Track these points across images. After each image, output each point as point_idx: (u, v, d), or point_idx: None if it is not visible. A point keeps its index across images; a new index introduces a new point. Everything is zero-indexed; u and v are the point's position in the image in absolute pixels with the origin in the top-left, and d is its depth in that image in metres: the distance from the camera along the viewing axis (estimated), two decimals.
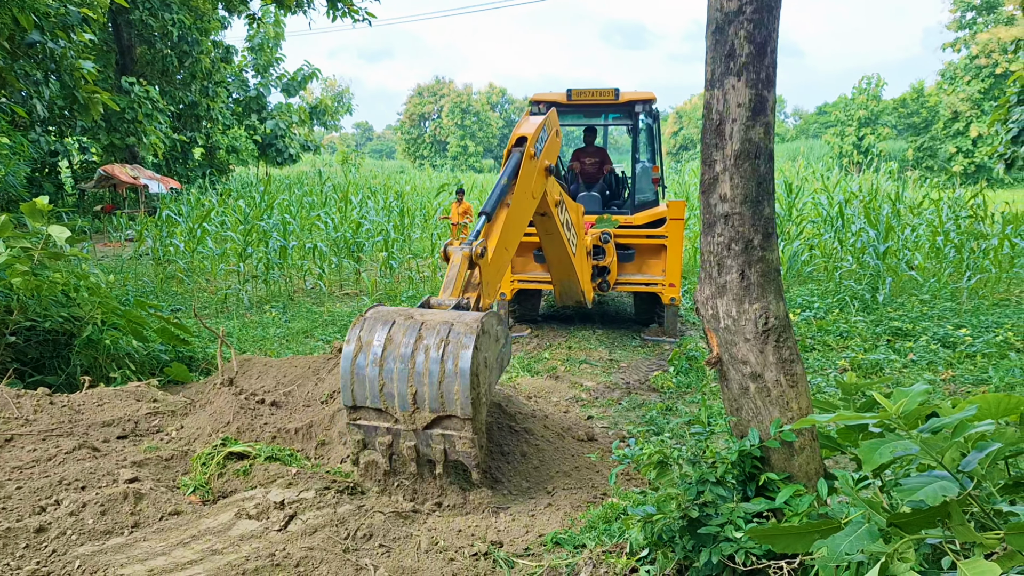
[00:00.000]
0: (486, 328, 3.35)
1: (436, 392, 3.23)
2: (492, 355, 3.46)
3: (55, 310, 5.62)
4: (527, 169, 4.88)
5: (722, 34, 2.72)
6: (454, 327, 3.29)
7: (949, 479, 1.62)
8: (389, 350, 3.32)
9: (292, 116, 31.44)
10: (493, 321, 3.49)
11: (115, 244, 16.37)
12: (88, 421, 4.45)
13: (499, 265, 4.49)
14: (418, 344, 3.28)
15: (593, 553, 2.86)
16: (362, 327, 3.43)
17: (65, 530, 3.02)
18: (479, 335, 3.24)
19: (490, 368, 3.43)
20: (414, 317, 3.42)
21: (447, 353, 3.22)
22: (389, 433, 3.36)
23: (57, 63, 13.08)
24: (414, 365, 3.26)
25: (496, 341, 3.53)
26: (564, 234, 6.21)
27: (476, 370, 3.21)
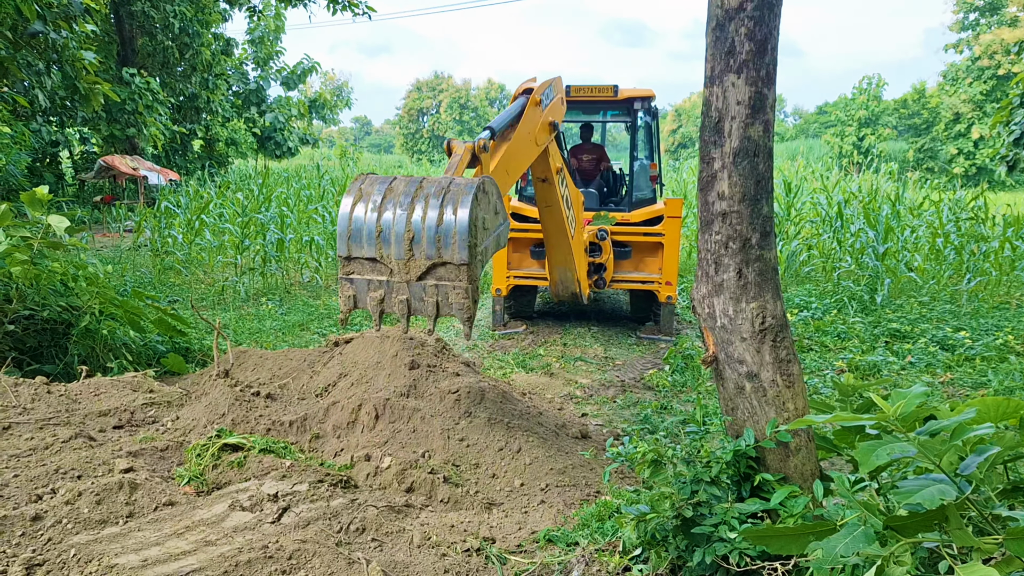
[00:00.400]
0: (486, 189, 3.32)
1: (433, 237, 3.16)
2: (490, 219, 3.41)
3: (53, 299, 5.61)
4: (531, 113, 4.93)
5: (722, 31, 2.71)
6: (454, 182, 3.26)
7: (947, 483, 1.61)
8: (389, 198, 3.28)
9: (291, 109, 31.34)
10: (492, 186, 3.44)
11: (114, 235, 16.35)
12: (85, 411, 4.44)
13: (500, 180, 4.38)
14: (418, 193, 3.24)
15: (586, 551, 2.86)
16: (363, 181, 3.41)
17: (61, 519, 3.02)
18: (479, 191, 3.20)
19: (488, 232, 3.39)
20: (414, 177, 3.41)
21: (447, 200, 3.18)
22: (381, 287, 3.30)
23: (59, 53, 13.04)
24: (413, 210, 3.22)
25: (495, 212, 3.49)
26: (564, 210, 6.23)
27: (474, 220, 3.16)
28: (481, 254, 3.33)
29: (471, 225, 3.14)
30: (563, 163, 6.11)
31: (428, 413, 4.15)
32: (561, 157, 6.06)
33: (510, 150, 4.59)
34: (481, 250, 3.32)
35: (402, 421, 4.10)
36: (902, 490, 1.63)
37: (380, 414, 4.12)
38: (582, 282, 7.15)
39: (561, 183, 6.08)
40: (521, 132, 4.81)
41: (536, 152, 5.23)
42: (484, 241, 3.36)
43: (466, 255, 3.14)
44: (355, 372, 4.76)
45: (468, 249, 3.13)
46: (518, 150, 4.76)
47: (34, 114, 19.06)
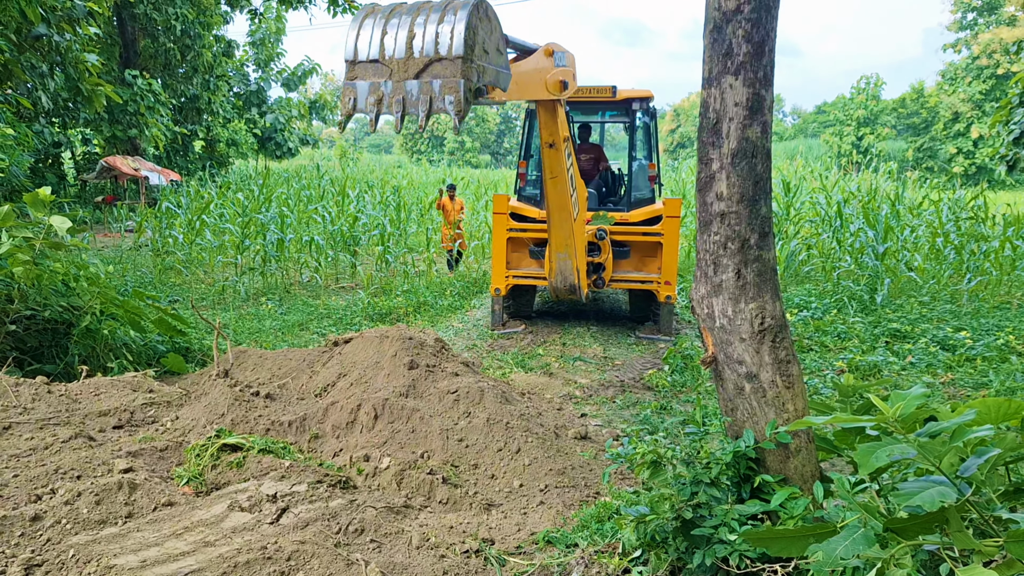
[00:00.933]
0: (488, 13, 3.46)
1: (432, 34, 3.33)
2: (490, 45, 3.59)
3: (55, 299, 5.62)
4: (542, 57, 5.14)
5: (720, 33, 2.71)
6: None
7: (947, 484, 1.61)
8: (397, 10, 3.50)
9: (292, 110, 31.38)
10: (494, 16, 3.59)
11: (115, 235, 16.36)
12: (85, 410, 4.45)
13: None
14: (423, 6, 3.45)
15: (585, 553, 2.86)
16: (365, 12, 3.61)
17: (60, 519, 3.02)
18: (479, 5, 3.38)
19: (487, 55, 3.55)
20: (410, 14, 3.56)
21: (448, 8, 3.36)
22: (380, 88, 3.47)
23: (62, 56, 13.07)
24: (416, 15, 3.43)
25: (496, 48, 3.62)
26: (568, 182, 6.34)
27: (473, 27, 3.31)
28: (478, 68, 3.47)
29: (468, 27, 3.28)
30: (569, 136, 6.27)
31: (427, 413, 4.15)
32: (568, 128, 6.22)
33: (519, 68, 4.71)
34: (478, 64, 3.46)
35: (401, 421, 4.10)
36: (902, 492, 1.62)
37: (379, 414, 4.12)
38: (581, 273, 7.16)
39: (568, 155, 6.24)
40: (529, 64, 5.00)
41: (542, 91, 5.35)
42: (482, 59, 3.51)
43: (462, 49, 3.27)
44: (354, 372, 4.76)
45: (464, 44, 3.26)
46: (526, 76, 4.94)
47: (37, 115, 19.08)
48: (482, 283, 11.28)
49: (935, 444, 1.76)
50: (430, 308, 9.41)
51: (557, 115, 5.92)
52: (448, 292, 10.39)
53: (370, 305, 9.14)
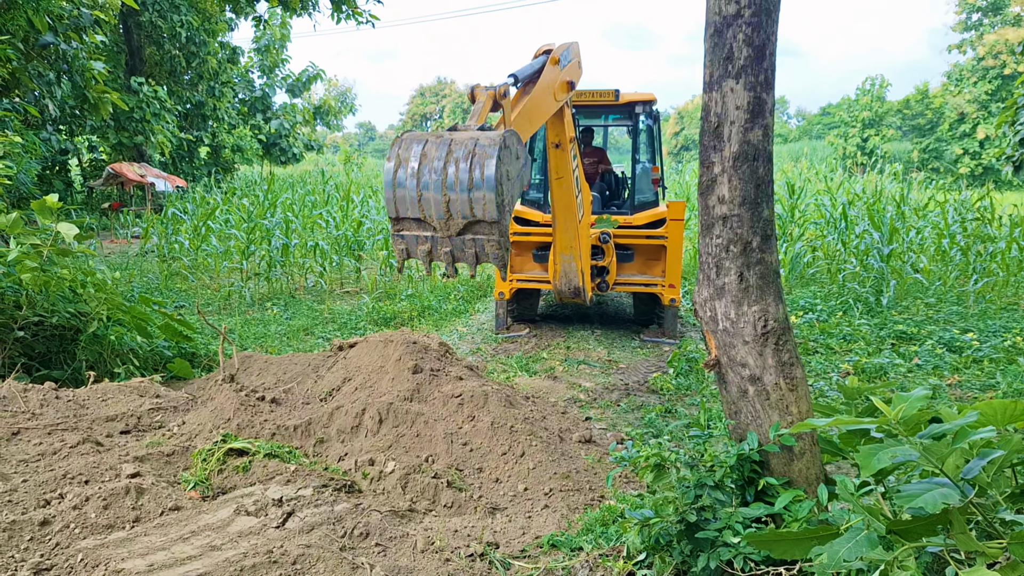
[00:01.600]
0: (508, 144, 3.71)
1: (466, 199, 3.60)
2: (514, 170, 3.85)
3: (62, 306, 5.66)
4: (550, 70, 5.21)
5: (720, 37, 2.72)
6: (479, 141, 3.67)
7: (950, 486, 1.61)
8: (424, 164, 3.70)
9: (296, 116, 31.54)
10: (514, 139, 3.86)
11: (122, 241, 16.45)
12: (92, 416, 4.48)
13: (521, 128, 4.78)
14: (449, 157, 3.65)
15: (590, 556, 2.86)
16: (400, 145, 3.82)
17: (68, 523, 3.05)
18: (501, 148, 3.62)
19: (512, 181, 3.83)
20: (444, 136, 3.80)
21: (474, 164, 3.58)
22: (428, 241, 3.76)
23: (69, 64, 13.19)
24: (446, 176, 3.63)
25: (516, 159, 3.90)
26: (574, 187, 6.36)
27: (500, 179, 3.58)
28: (508, 204, 3.79)
29: (498, 184, 3.55)
30: (576, 136, 6.29)
31: (431, 417, 4.16)
32: (574, 128, 6.24)
33: (531, 101, 4.92)
34: (508, 200, 3.75)
35: (405, 425, 4.11)
36: (905, 494, 1.62)
37: (384, 418, 4.14)
38: (586, 275, 7.17)
39: (573, 156, 6.26)
40: (541, 85, 5.09)
41: (555, 106, 5.46)
42: (510, 191, 3.78)
43: (495, 213, 3.59)
44: (359, 377, 4.78)
45: (497, 208, 3.57)
46: (539, 101, 5.10)
47: (44, 123, 19.24)
48: (486, 287, 11.30)
49: (939, 446, 1.76)
50: (434, 312, 9.43)
51: (564, 116, 5.95)
52: (452, 296, 10.41)
53: (375, 310, 9.17)
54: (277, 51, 30.45)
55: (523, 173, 4.05)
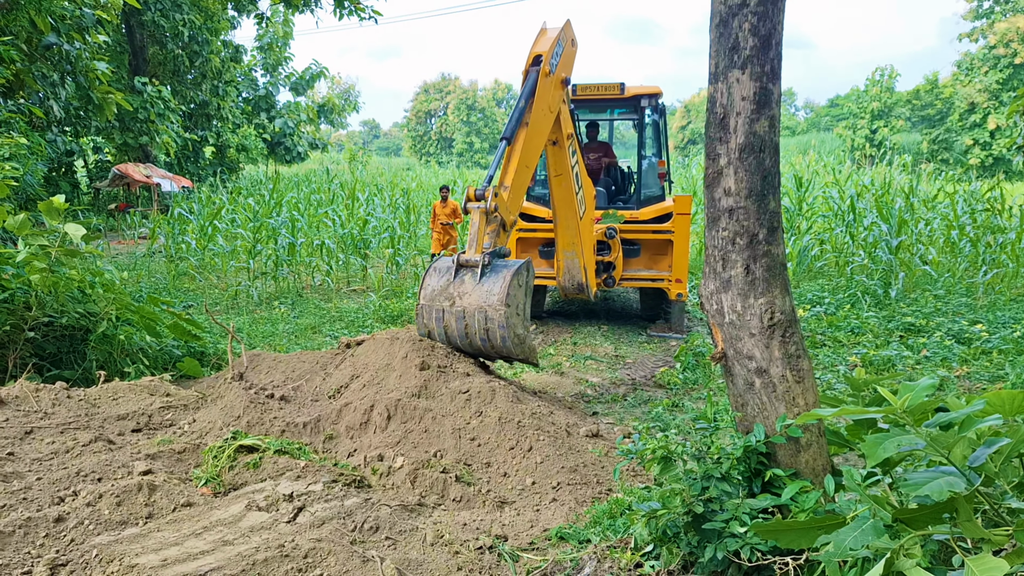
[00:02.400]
0: (510, 301, 4.41)
1: (495, 353, 4.72)
2: (521, 300, 4.64)
3: (71, 306, 5.71)
4: (543, 86, 5.22)
5: (726, 27, 2.71)
6: (488, 315, 4.42)
7: (956, 474, 1.61)
8: (450, 332, 4.69)
9: (300, 114, 31.59)
10: (513, 282, 4.48)
11: (129, 242, 16.56)
12: (104, 414, 4.52)
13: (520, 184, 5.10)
14: (468, 330, 4.61)
15: (598, 548, 2.87)
16: (424, 317, 4.75)
17: (83, 520, 3.08)
18: (506, 317, 4.38)
19: (522, 308, 4.65)
20: (455, 303, 4.59)
21: (491, 337, 4.54)
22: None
23: (72, 64, 13.25)
24: (471, 342, 4.67)
25: (520, 288, 4.60)
26: (574, 183, 6.32)
27: (513, 335, 4.48)
28: (523, 328, 4.70)
29: (512, 338, 4.48)
30: (574, 129, 6.22)
31: (439, 413, 4.18)
32: (572, 124, 6.17)
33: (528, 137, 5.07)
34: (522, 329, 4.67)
35: (413, 421, 4.13)
36: (911, 482, 1.62)
37: (392, 415, 4.16)
38: (589, 271, 7.14)
39: (572, 152, 6.18)
40: (537, 112, 5.14)
41: (552, 118, 5.46)
42: (521, 313, 4.63)
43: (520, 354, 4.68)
44: (366, 374, 4.80)
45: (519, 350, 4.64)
46: (535, 132, 5.19)
47: (49, 124, 19.36)
48: None
49: (946, 436, 1.76)
50: None
51: (560, 113, 5.87)
52: None
53: (381, 308, 9.20)
54: (280, 49, 30.50)
55: (528, 282, 4.73)
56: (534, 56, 5.34)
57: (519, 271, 4.57)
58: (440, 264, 4.82)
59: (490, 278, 4.53)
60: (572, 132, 6.24)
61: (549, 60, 5.27)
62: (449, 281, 4.65)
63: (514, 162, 5.01)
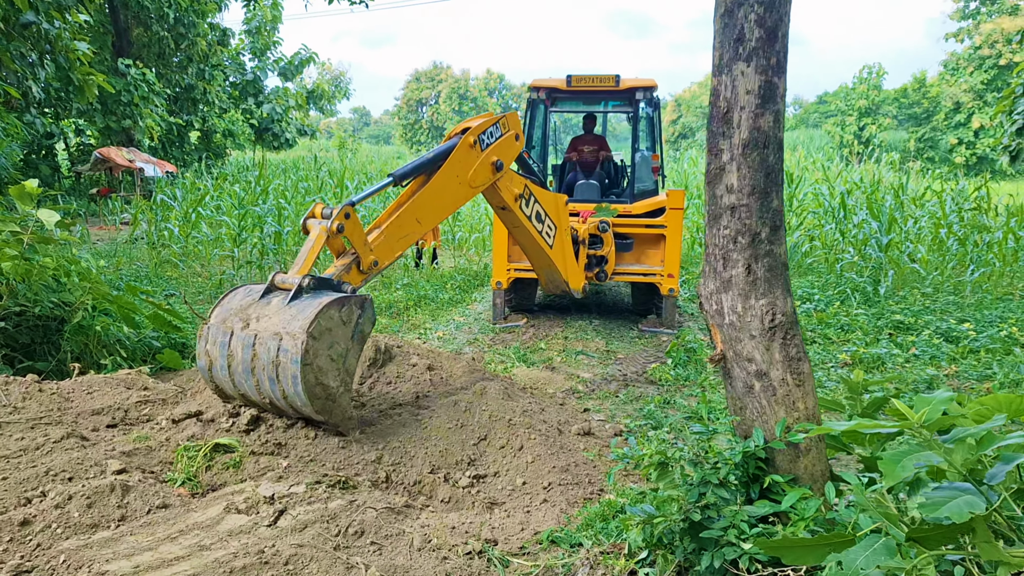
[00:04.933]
0: (317, 332, 3.37)
1: (287, 405, 3.49)
2: (340, 342, 3.53)
3: (45, 295, 5.52)
4: (462, 151, 4.76)
5: (731, 17, 2.61)
6: (282, 343, 3.37)
7: (974, 492, 1.53)
8: (234, 366, 3.56)
9: (289, 100, 31.12)
10: (332, 313, 3.47)
11: (111, 227, 16.22)
12: (77, 409, 4.36)
13: (402, 236, 4.41)
14: (255, 363, 3.46)
15: (590, 553, 2.79)
16: (207, 340, 3.71)
17: (50, 523, 2.94)
18: (306, 350, 3.31)
19: (342, 355, 3.55)
20: (250, 325, 3.55)
21: (280, 375, 3.38)
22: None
23: (52, 44, 12.89)
24: (257, 383, 3.50)
25: (343, 325, 3.53)
26: (532, 227, 6.00)
27: (314, 381, 3.38)
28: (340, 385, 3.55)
29: (313, 389, 3.38)
30: (528, 185, 5.82)
31: (428, 412, 4.07)
32: (523, 180, 5.77)
33: (425, 195, 4.48)
34: (338, 383, 3.52)
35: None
36: (929, 503, 1.55)
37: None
38: (569, 280, 6.97)
39: (525, 205, 5.80)
40: (445, 174, 4.61)
41: (469, 194, 4.97)
42: (339, 372, 3.53)
43: (321, 415, 3.47)
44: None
45: (321, 411, 3.46)
46: (437, 193, 4.59)
47: (28, 106, 18.89)
48: (483, 276, 11.19)
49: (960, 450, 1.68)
50: (430, 301, 9.33)
51: (499, 190, 5.41)
52: (449, 285, 10.30)
53: None
54: (268, 33, 29.97)
55: (359, 328, 3.64)
56: (462, 128, 4.97)
57: (346, 303, 3.51)
58: (256, 286, 3.86)
59: (303, 302, 3.51)
60: (520, 191, 5.72)
61: (477, 134, 4.88)
62: (253, 301, 3.66)
63: (403, 212, 4.38)
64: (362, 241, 4.08)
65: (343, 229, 3.94)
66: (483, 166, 4.97)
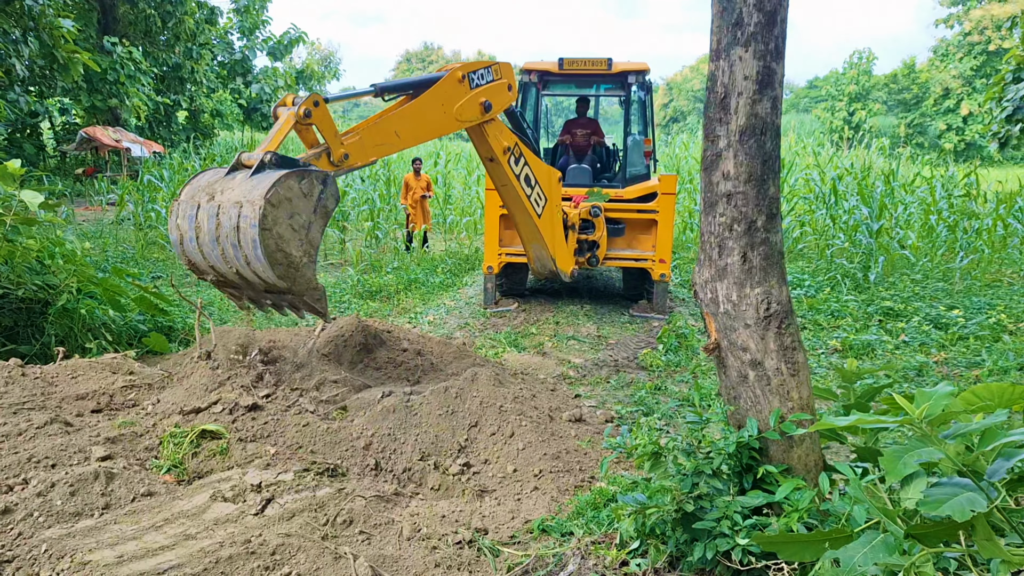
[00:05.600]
0: (276, 200, 3.40)
1: (251, 272, 3.52)
2: (302, 213, 3.55)
3: (29, 277, 5.41)
4: (449, 85, 4.84)
5: (729, 2, 2.54)
6: (243, 210, 3.41)
7: (974, 489, 1.51)
8: (201, 237, 3.64)
9: (278, 80, 30.66)
10: (291, 184, 3.49)
11: (96, 208, 15.98)
12: (62, 394, 4.29)
13: (381, 144, 4.44)
14: (219, 231, 3.53)
15: (581, 543, 2.77)
16: (177, 214, 3.80)
17: (32, 511, 2.89)
18: (264, 215, 3.34)
19: (304, 226, 3.56)
20: (215, 198, 3.61)
21: (242, 240, 3.43)
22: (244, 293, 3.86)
23: (35, 21, 12.57)
24: (223, 252, 3.56)
25: (304, 197, 3.55)
26: (520, 188, 5.98)
27: (275, 248, 3.41)
28: (304, 255, 3.57)
29: (274, 254, 3.41)
30: (517, 140, 5.83)
31: (418, 398, 4.03)
32: (513, 135, 5.78)
33: (407, 112, 4.54)
34: (301, 252, 3.54)
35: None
36: (930, 500, 1.52)
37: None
38: (557, 260, 6.92)
39: (515, 162, 5.80)
40: (430, 99, 4.69)
41: (453, 126, 5.04)
42: (302, 242, 3.54)
43: (285, 282, 3.48)
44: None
45: (284, 276, 3.47)
46: (422, 113, 4.67)
47: (12, 84, 18.48)
48: (474, 260, 11.11)
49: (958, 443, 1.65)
50: (421, 285, 9.26)
51: (487, 135, 5.44)
52: (440, 269, 10.23)
53: (360, 283, 8.97)
54: (257, 12, 29.44)
55: (322, 200, 3.67)
56: (458, 66, 5.04)
57: (307, 175, 3.55)
58: (223, 168, 3.91)
59: (267, 173, 3.55)
60: (510, 145, 5.75)
61: (467, 71, 4.95)
62: (219, 178, 3.75)
63: (384, 120, 4.43)
64: (332, 132, 4.11)
65: (310, 114, 3.96)
66: (471, 103, 5.05)
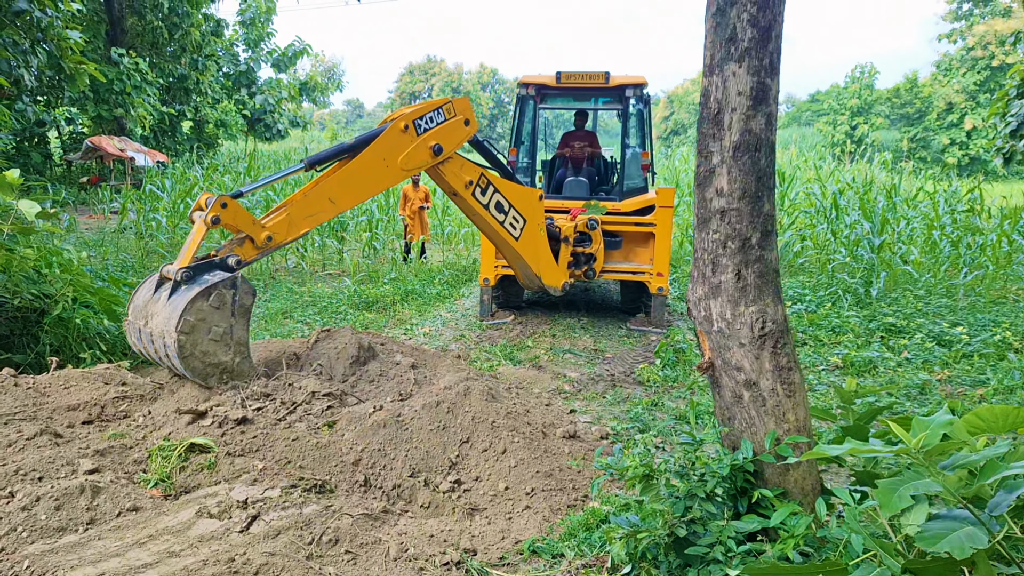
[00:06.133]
0: (188, 328, 3.84)
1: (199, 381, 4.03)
2: (220, 323, 4.02)
3: (25, 286, 5.39)
4: (391, 138, 4.87)
5: (723, 16, 2.52)
6: (166, 342, 3.90)
7: (974, 523, 1.45)
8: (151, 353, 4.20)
9: (282, 92, 30.88)
10: (200, 305, 3.90)
11: (100, 216, 16.02)
12: (53, 405, 4.25)
13: (310, 216, 4.62)
14: (158, 355, 4.12)
15: (572, 565, 2.71)
16: (129, 333, 4.35)
17: (16, 526, 2.85)
18: (180, 346, 3.83)
19: (227, 332, 4.03)
20: (148, 323, 4.08)
21: (176, 365, 3.98)
22: None
23: (44, 32, 12.68)
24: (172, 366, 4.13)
25: (216, 310, 3.99)
26: (490, 217, 5.88)
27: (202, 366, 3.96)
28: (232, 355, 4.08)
29: (200, 370, 3.95)
30: (482, 171, 5.73)
31: (409, 413, 3.98)
32: (476, 168, 5.68)
33: (342, 177, 4.65)
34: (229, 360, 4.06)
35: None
36: (928, 535, 1.47)
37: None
38: (543, 276, 6.85)
39: (481, 193, 5.70)
40: (370, 157, 4.72)
41: (398, 177, 5.02)
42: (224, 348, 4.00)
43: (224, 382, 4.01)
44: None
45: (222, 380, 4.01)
46: (359, 174, 4.75)
47: (20, 94, 18.61)
48: (472, 271, 11.09)
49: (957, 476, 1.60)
50: (418, 296, 9.23)
51: (444, 175, 5.39)
52: (436, 281, 10.20)
53: (356, 293, 8.94)
54: (262, 24, 29.71)
55: (239, 303, 4.10)
56: (397, 115, 5.02)
57: (214, 290, 3.91)
58: (154, 276, 4.31)
59: (179, 296, 3.92)
60: (473, 178, 5.65)
61: (412, 119, 4.94)
62: (149, 297, 4.14)
63: (314, 191, 4.56)
64: (249, 223, 4.35)
65: (218, 221, 4.21)
66: (418, 150, 5.03)
